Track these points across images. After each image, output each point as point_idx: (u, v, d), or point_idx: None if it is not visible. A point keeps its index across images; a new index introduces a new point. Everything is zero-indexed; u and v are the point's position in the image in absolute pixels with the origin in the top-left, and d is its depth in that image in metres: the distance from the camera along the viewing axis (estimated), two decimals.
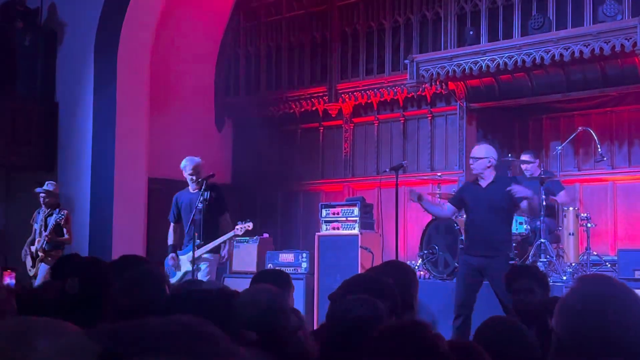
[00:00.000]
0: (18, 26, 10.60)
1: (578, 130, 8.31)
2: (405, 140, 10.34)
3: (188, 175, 7.45)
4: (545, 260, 7.39)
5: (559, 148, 8.30)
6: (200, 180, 7.29)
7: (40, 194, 8.70)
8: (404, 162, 6.77)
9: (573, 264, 7.57)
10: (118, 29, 10.01)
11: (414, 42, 10.06)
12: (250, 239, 9.28)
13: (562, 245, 7.89)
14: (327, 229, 8.75)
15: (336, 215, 8.72)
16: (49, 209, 8.66)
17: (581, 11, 8.72)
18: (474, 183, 6.53)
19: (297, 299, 7.68)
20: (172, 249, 7.49)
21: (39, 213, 8.74)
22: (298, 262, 8.95)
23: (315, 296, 8.60)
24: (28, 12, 10.80)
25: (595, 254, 7.87)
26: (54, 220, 8.48)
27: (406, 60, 9.31)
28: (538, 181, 7.89)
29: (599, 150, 8.24)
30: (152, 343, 0.81)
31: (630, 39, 7.71)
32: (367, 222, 8.69)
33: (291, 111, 11.17)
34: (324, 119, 11.04)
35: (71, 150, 10.32)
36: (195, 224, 7.05)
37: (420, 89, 9.50)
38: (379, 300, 2.71)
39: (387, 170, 7.21)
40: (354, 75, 10.65)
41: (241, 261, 9.28)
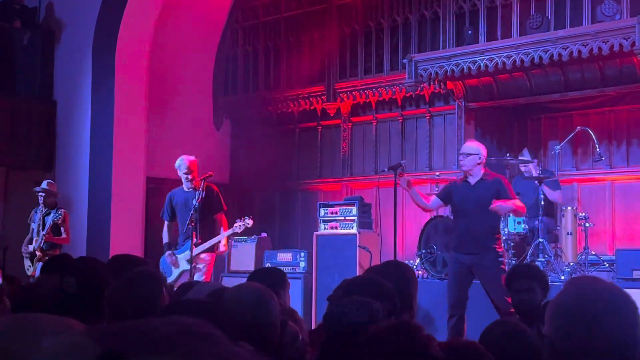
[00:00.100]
0: (16, 25, 10.59)
1: (576, 130, 8.32)
2: (403, 139, 10.33)
3: (183, 174, 7.43)
4: (543, 259, 7.41)
5: (558, 148, 8.31)
6: (198, 179, 7.29)
7: (40, 193, 8.66)
8: (403, 162, 6.74)
9: (571, 264, 7.58)
10: (116, 27, 10.00)
11: (412, 42, 10.06)
12: (248, 238, 9.28)
13: (561, 244, 7.90)
14: (326, 229, 8.74)
15: (334, 215, 8.72)
16: (46, 208, 8.63)
17: (580, 11, 8.72)
18: (463, 181, 6.51)
19: (295, 299, 7.69)
20: (168, 247, 7.46)
21: (37, 212, 8.69)
22: (296, 262, 8.95)
23: (314, 295, 8.60)
24: (26, 11, 10.79)
25: (594, 253, 7.88)
26: (52, 220, 8.46)
27: (404, 60, 9.31)
28: (536, 181, 7.90)
29: (597, 149, 8.25)
30: (153, 343, 0.81)
31: (628, 38, 7.71)
32: (366, 222, 8.69)
33: (289, 110, 11.16)
34: (322, 118, 11.03)
35: (69, 149, 10.31)
36: (189, 222, 7.04)
37: (419, 89, 9.51)
38: (379, 302, 2.70)
39: (386, 169, 7.20)
40: (352, 75, 10.65)
41: (239, 260, 9.28)
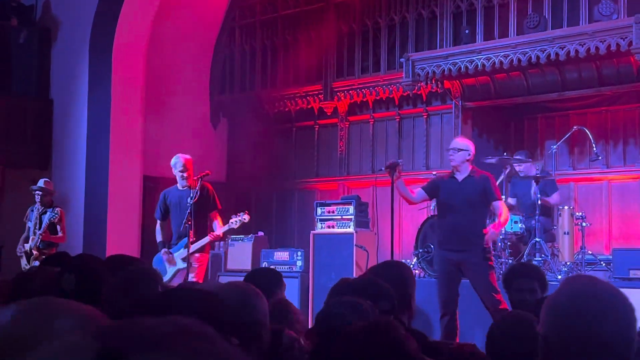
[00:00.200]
0: (12, 23, 10.57)
1: (573, 130, 8.33)
2: (400, 138, 10.33)
3: (178, 172, 7.41)
4: (540, 259, 7.41)
5: (554, 147, 8.32)
6: (194, 178, 7.28)
7: (36, 192, 8.62)
8: (400, 161, 6.72)
9: (568, 263, 7.59)
10: (113, 26, 9.99)
11: (409, 41, 10.06)
12: (245, 237, 9.27)
13: (557, 244, 7.91)
14: (322, 227, 8.74)
15: (331, 214, 8.71)
16: (43, 207, 8.61)
17: (577, 10, 8.73)
18: (450, 176, 6.49)
19: (292, 298, 7.68)
20: (162, 245, 7.41)
21: (33, 211, 8.66)
22: (293, 261, 8.94)
23: (310, 294, 8.59)
24: (22, 9, 10.76)
25: (590, 253, 7.89)
26: (48, 219, 8.43)
27: (402, 59, 9.31)
28: (532, 180, 7.91)
29: (594, 149, 8.26)
30: (153, 342, 0.80)
31: (625, 38, 7.72)
32: (362, 221, 8.69)
33: (286, 109, 11.16)
34: (319, 117, 11.03)
35: (66, 147, 10.29)
36: (186, 221, 7.02)
37: (416, 88, 9.52)
38: (378, 302, 2.70)
39: (383, 169, 7.19)
40: (349, 74, 10.64)
41: (236, 259, 9.27)
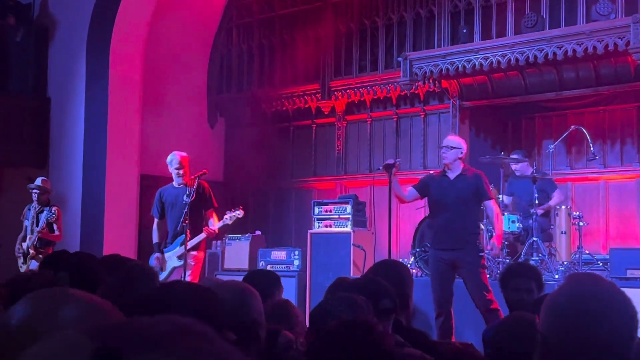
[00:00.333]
0: (10, 22, 10.55)
1: (571, 129, 8.33)
2: (398, 138, 10.33)
3: (174, 169, 7.39)
4: (537, 258, 7.41)
5: (552, 147, 8.31)
6: (190, 176, 7.27)
7: (34, 191, 8.61)
8: (397, 160, 6.72)
9: (565, 263, 7.59)
10: (110, 24, 9.97)
11: (407, 40, 10.06)
12: (242, 236, 9.27)
13: (555, 243, 7.91)
14: (320, 227, 8.74)
15: (329, 213, 8.71)
16: (40, 206, 8.59)
17: (575, 10, 8.74)
18: (441, 175, 6.48)
19: (290, 297, 7.68)
20: (157, 247, 7.38)
21: (30, 209, 8.65)
22: (290, 260, 8.94)
23: (308, 294, 8.59)
24: (20, 8, 10.74)
25: (588, 252, 7.89)
26: (45, 219, 8.42)
27: (399, 58, 9.30)
28: (529, 180, 7.90)
29: (592, 149, 8.26)
30: (151, 341, 0.80)
31: (623, 38, 7.72)
32: (360, 220, 8.69)
33: (284, 108, 11.15)
34: (316, 117, 11.02)
35: (63, 146, 10.28)
36: (183, 220, 7.01)
37: (414, 87, 9.51)
38: (381, 301, 2.70)
39: (380, 168, 7.19)
40: (347, 73, 10.64)
41: (233, 259, 9.27)
